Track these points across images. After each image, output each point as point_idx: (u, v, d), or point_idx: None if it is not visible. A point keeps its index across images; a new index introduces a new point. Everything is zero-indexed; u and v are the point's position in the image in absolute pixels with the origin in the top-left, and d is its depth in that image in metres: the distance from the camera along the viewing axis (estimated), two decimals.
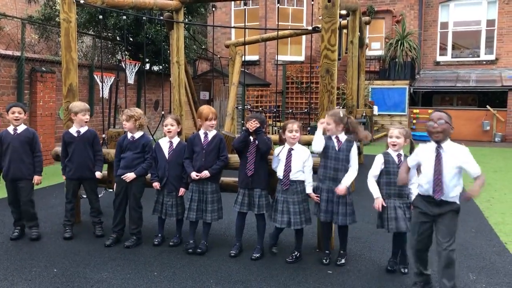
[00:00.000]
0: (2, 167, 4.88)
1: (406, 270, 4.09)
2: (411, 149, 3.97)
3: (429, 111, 15.75)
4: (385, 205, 4.03)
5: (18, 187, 4.89)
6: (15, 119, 4.85)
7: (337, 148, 4.21)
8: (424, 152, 3.54)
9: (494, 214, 6.17)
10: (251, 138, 4.46)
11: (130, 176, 4.66)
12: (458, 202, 3.45)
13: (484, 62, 16.96)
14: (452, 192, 3.40)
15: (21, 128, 4.90)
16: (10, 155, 4.81)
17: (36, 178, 4.93)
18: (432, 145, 3.48)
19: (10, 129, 4.89)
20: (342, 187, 4.12)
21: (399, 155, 4.07)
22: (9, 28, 11.26)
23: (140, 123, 4.79)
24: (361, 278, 3.99)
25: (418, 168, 3.67)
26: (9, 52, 9.02)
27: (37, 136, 5.03)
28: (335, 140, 4.24)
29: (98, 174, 5.04)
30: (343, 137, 4.25)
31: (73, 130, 5.02)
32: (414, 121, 15.85)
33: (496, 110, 14.96)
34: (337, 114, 4.23)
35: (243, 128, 4.57)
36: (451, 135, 3.43)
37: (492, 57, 16.90)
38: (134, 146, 4.75)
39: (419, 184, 3.58)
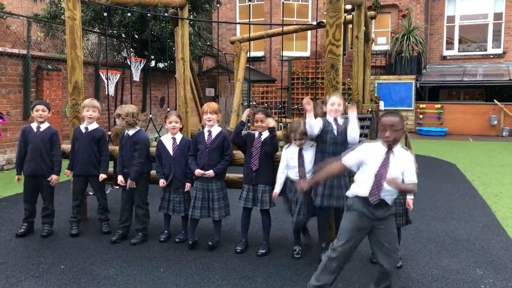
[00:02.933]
0: (22, 163, 4.92)
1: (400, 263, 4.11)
2: (407, 145, 4.00)
3: (436, 105, 15.68)
4: None
5: (39, 185, 4.94)
6: (39, 117, 4.89)
7: (335, 132, 4.14)
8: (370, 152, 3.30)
9: (501, 208, 6.12)
10: (256, 134, 4.46)
11: (131, 185, 4.71)
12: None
13: (492, 56, 16.83)
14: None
15: (44, 126, 4.94)
16: (31, 152, 4.85)
17: (53, 177, 4.94)
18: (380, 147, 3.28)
19: (34, 126, 4.93)
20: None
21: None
22: (15, 27, 11.31)
23: (127, 121, 4.72)
24: (367, 274, 3.97)
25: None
26: (15, 50, 9.06)
27: (58, 136, 5.06)
28: (333, 123, 4.17)
29: (101, 176, 5.00)
30: (341, 119, 4.19)
31: (82, 127, 5.05)
32: (421, 116, 15.77)
33: (504, 104, 14.84)
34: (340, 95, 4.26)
35: (232, 136, 4.58)
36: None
37: (499, 50, 16.76)
38: (129, 144, 4.77)
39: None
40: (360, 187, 3.28)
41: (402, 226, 4.11)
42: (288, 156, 4.30)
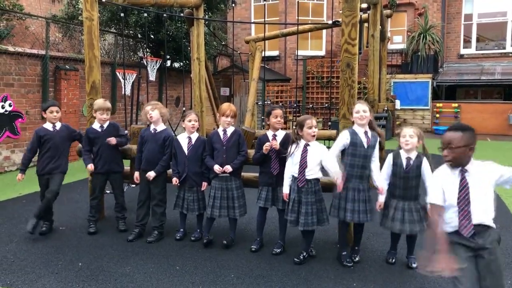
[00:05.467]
0: (28, 164, 5.01)
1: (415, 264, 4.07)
2: (424, 150, 3.99)
3: (453, 104, 15.48)
4: (381, 206, 4.11)
5: (50, 180, 5.00)
6: (54, 118, 5.02)
7: (365, 145, 4.06)
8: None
9: None
10: (270, 136, 4.45)
11: (151, 175, 4.74)
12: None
13: (510, 54, 16.54)
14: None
15: (59, 124, 5.07)
16: (50, 150, 4.95)
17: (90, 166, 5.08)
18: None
19: (48, 126, 5.03)
20: (384, 192, 4.07)
21: (408, 159, 3.97)
22: (34, 28, 11.48)
23: (163, 115, 4.90)
24: (382, 273, 3.96)
25: None
26: (34, 51, 9.21)
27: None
28: (363, 136, 4.08)
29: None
30: (369, 132, 4.14)
31: (96, 126, 5.10)
32: (437, 115, 15.58)
33: None
34: (366, 102, 4.21)
35: (253, 157, 4.51)
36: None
37: None
38: (155, 139, 4.82)
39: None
40: (448, 222, 2.87)
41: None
42: (293, 152, 4.17)
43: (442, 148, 2.85)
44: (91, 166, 5.07)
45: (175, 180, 4.73)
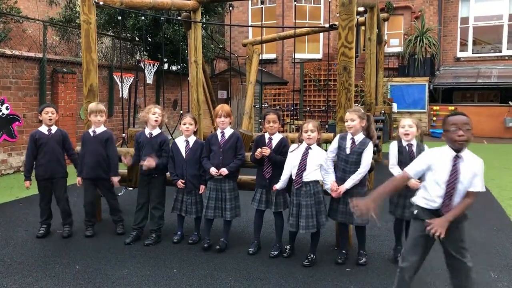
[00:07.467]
0: (32, 168, 4.99)
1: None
2: (421, 138, 4.15)
3: (450, 107, 15.53)
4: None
5: (53, 186, 5.00)
6: (49, 119, 4.98)
7: (348, 151, 4.11)
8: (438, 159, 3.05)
9: None
10: (266, 138, 4.48)
11: (151, 163, 4.65)
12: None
13: (506, 58, 16.61)
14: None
15: (54, 128, 5.04)
16: (47, 154, 4.93)
17: (79, 179, 5.05)
18: (448, 152, 3.02)
19: (44, 129, 5.00)
20: (342, 188, 4.08)
21: (409, 145, 4.10)
22: (31, 31, 11.49)
23: (161, 120, 4.89)
24: (379, 276, 3.97)
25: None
26: (32, 54, 9.21)
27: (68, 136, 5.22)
28: (349, 141, 4.13)
29: (115, 180, 5.04)
30: (359, 137, 4.13)
31: (90, 130, 5.07)
32: (434, 118, 15.64)
33: None
34: (359, 110, 4.19)
35: (251, 157, 4.54)
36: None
37: None
38: (151, 143, 4.82)
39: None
40: (429, 199, 3.07)
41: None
42: (294, 154, 4.23)
43: (457, 128, 2.91)
44: (79, 181, 5.05)
45: (180, 183, 4.70)
